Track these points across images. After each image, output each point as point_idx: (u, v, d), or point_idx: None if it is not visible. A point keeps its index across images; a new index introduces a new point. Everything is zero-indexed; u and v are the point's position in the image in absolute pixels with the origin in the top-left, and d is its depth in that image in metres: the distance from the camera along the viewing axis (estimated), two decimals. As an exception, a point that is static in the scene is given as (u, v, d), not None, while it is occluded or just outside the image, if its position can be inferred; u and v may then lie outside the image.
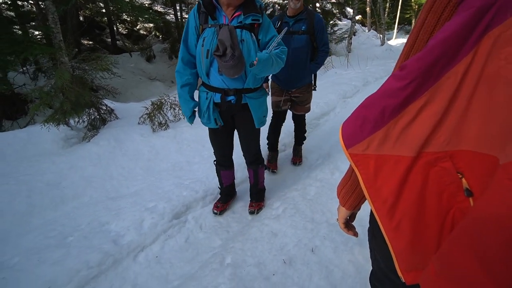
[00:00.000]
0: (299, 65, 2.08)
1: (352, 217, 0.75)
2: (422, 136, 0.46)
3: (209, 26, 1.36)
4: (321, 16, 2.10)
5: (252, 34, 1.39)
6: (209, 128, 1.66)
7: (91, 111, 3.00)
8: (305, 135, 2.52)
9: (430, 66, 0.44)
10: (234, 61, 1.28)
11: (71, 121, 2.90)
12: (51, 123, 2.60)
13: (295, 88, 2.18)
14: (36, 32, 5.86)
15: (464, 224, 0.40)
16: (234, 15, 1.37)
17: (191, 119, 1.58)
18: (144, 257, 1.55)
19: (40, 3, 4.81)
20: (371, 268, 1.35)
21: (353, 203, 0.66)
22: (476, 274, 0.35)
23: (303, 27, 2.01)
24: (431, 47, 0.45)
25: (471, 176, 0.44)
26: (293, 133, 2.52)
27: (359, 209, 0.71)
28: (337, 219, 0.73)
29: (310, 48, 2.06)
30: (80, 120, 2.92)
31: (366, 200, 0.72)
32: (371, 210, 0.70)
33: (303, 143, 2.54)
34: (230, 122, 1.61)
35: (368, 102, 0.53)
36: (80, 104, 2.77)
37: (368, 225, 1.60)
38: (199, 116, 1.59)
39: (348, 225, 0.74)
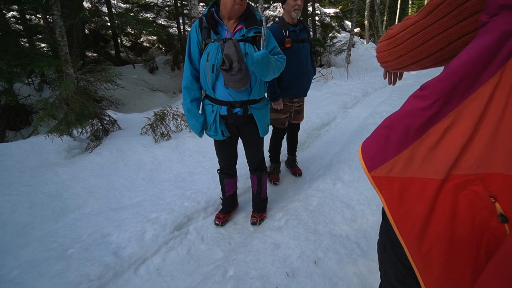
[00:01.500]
0: (309, 71, 2.18)
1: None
2: (450, 157, 0.45)
3: (212, 41, 1.39)
4: None
5: (255, 46, 1.42)
6: (215, 140, 1.67)
7: (94, 121, 3.04)
8: (306, 145, 2.53)
9: (453, 87, 0.45)
10: (240, 74, 1.31)
11: (74, 132, 2.93)
12: (55, 134, 2.63)
13: (303, 96, 2.25)
14: (42, 44, 6.01)
15: (504, 255, 0.37)
16: (236, 28, 1.41)
17: (201, 133, 1.58)
18: (145, 270, 1.53)
19: (48, 17, 4.97)
20: (376, 281, 1.32)
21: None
22: None
23: (306, 35, 2.11)
24: (453, 68, 0.45)
25: (506, 201, 0.41)
26: (288, 143, 2.50)
27: None
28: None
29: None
30: (83, 131, 2.95)
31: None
32: (381, 223, 0.68)
33: (296, 153, 2.55)
34: (235, 132, 1.64)
35: (389, 122, 0.51)
36: (84, 115, 2.81)
37: (372, 237, 1.58)
38: (205, 129, 1.60)
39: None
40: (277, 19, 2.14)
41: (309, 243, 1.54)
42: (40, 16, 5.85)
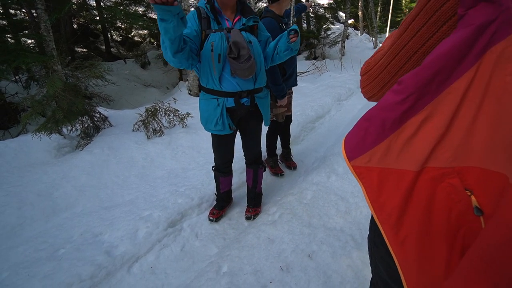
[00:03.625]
0: None
1: None
2: (425, 150, 0.46)
3: (213, 31, 1.37)
4: None
5: (254, 35, 1.45)
6: (214, 136, 1.63)
7: (84, 119, 2.97)
8: (300, 138, 2.52)
9: (427, 81, 0.44)
10: (250, 61, 1.30)
11: (64, 130, 2.86)
12: (43, 132, 2.56)
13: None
14: (29, 41, 5.82)
15: (478, 249, 0.38)
16: (236, 19, 1.42)
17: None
18: (138, 268, 1.51)
19: (33, 11, 4.79)
20: (369, 273, 1.32)
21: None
22: None
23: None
24: (427, 63, 0.44)
25: (481, 194, 0.42)
26: (281, 136, 2.49)
27: None
28: None
29: None
30: (73, 129, 2.88)
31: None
32: (371, 217, 0.69)
33: (290, 146, 2.55)
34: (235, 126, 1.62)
35: (369, 115, 0.53)
36: (73, 112, 2.74)
37: (366, 229, 1.59)
38: (209, 126, 1.53)
39: None
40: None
41: (303, 237, 1.54)
42: (25, 10, 5.63)
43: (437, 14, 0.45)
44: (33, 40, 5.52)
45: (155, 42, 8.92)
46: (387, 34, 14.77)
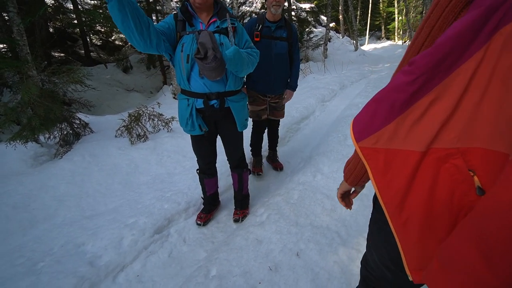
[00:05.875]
0: (281, 70, 2.11)
1: (354, 193, 0.77)
2: (431, 131, 0.46)
3: (187, 33, 1.39)
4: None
5: (229, 38, 1.43)
6: (192, 137, 1.64)
7: (63, 126, 2.85)
8: (286, 140, 2.56)
9: (438, 62, 0.44)
10: (216, 62, 1.29)
11: (41, 138, 2.73)
12: (18, 141, 2.43)
13: (276, 94, 2.20)
14: (1, 45, 5.52)
15: (469, 217, 0.39)
16: (211, 21, 1.42)
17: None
18: (124, 277, 1.47)
19: (4, 14, 4.55)
20: (355, 268, 1.37)
21: (354, 180, 0.69)
22: (476, 265, 0.35)
23: (284, 34, 2.05)
24: (439, 43, 0.44)
25: (484, 174, 0.42)
26: (268, 138, 2.51)
27: (361, 187, 0.74)
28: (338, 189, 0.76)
29: (288, 55, 2.12)
30: (51, 136, 2.76)
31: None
32: (374, 198, 0.69)
33: (276, 148, 2.57)
34: (212, 128, 1.61)
35: (379, 96, 0.52)
36: (51, 119, 2.62)
37: (351, 225, 1.64)
38: (182, 125, 1.56)
39: (345, 197, 0.77)
40: (254, 15, 2.13)
41: (291, 236, 1.56)
42: (-5, 13, 5.34)
43: (450, 6, 0.46)
44: (5, 45, 5.24)
45: (137, 46, 8.72)
46: (367, 36, 15.32)
